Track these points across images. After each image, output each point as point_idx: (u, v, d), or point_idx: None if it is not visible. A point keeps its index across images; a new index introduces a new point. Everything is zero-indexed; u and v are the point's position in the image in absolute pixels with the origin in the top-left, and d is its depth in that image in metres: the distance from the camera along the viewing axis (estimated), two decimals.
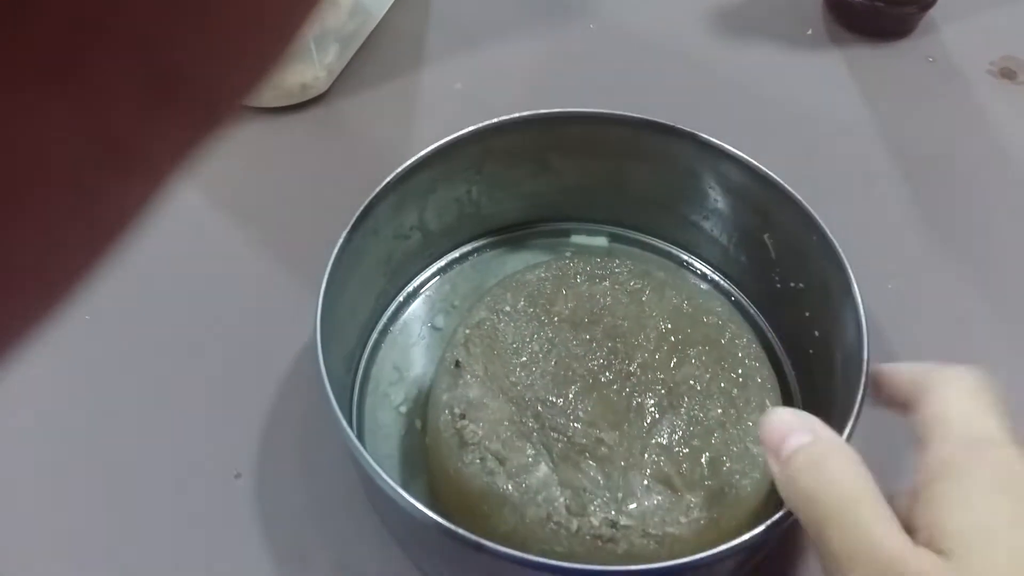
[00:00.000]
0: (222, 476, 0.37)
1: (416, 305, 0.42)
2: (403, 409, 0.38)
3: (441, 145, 0.38)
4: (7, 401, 0.39)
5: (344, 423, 0.30)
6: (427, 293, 0.42)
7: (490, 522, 0.31)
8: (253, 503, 0.36)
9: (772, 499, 0.30)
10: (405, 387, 0.39)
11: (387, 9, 0.57)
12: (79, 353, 0.40)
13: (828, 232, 0.35)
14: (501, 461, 0.32)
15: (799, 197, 0.36)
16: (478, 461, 0.32)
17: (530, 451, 0.32)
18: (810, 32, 0.56)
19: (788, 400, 0.37)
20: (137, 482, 0.37)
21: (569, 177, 0.42)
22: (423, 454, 0.36)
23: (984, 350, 0.41)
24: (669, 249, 0.44)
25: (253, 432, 0.38)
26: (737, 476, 0.32)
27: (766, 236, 0.39)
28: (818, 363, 0.37)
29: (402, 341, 0.41)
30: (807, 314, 0.37)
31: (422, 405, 0.38)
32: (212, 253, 0.45)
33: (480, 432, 0.32)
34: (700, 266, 0.43)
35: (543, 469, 0.32)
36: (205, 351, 0.41)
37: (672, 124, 0.38)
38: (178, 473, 0.37)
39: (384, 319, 0.41)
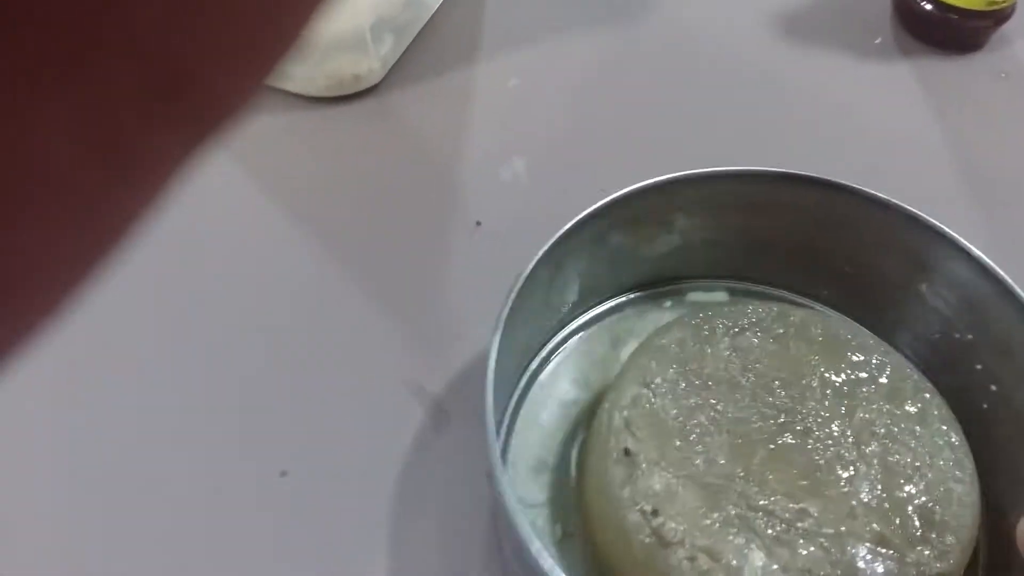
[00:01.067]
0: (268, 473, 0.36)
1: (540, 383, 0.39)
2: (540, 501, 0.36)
3: (576, 222, 0.35)
4: (21, 401, 0.38)
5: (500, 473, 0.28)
6: (550, 368, 0.40)
7: None
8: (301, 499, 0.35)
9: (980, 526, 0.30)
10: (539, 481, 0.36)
11: (441, 0, 0.55)
12: (121, 349, 0.39)
13: (1006, 278, 0.33)
14: (714, 557, 0.29)
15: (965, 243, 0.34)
16: (686, 561, 0.30)
17: (740, 540, 0.30)
18: (879, 40, 0.54)
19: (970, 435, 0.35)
20: (182, 480, 0.36)
21: (690, 235, 0.40)
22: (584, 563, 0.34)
23: None
24: (791, 296, 0.42)
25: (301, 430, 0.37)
26: (948, 519, 0.30)
27: (924, 286, 0.37)
28: (993, 419, 0.35)
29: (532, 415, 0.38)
30: (979, 367, 0.36)
31: (568, 504, 0.36)
32: (256, 243, 0.44)
33: (682, 528, 0.30)
34: (824, 309, 0.41)
35: (759, 556, 0.30)
36: (253, 345, 0.40)
37: (817, 176, 0.36)
38: (223, 470, 0.36)
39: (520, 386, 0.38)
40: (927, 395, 0.34)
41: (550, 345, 0.40)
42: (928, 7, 0.52)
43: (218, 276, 0.42)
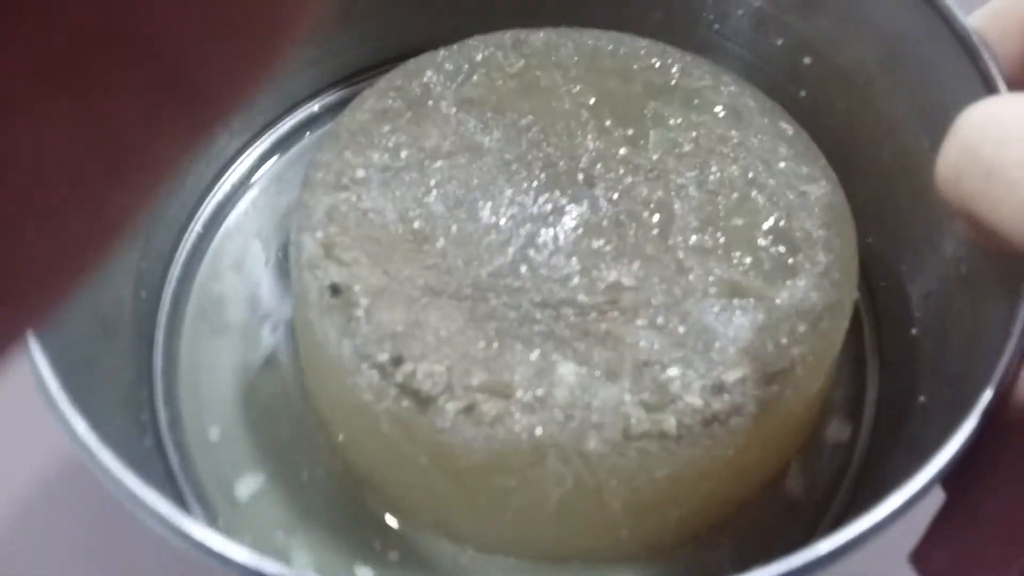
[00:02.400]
0: None
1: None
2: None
3: None
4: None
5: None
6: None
7: (523, 495, 0.19)
8: None
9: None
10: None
11: None
12: None
13: None
14: (503, 393, 0.18)
15: None
16: (462, 415, 0.18)
17: (534, 354, 0.19)
18: None
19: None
20: None
21: None
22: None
23: None
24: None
25: None
26: (812, 230, 0.21)
27: None
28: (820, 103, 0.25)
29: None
30: (780, 42, 0.25)
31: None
32: None
33: (442, 368, 0.19)
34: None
35: (569, 369, 0.19)
36: None
37: None
38: None
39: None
40: (733, 88, 0.23)
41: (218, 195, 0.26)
42: None
43: None
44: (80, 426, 0.16)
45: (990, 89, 0.19)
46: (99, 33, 0.07)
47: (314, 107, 0.28)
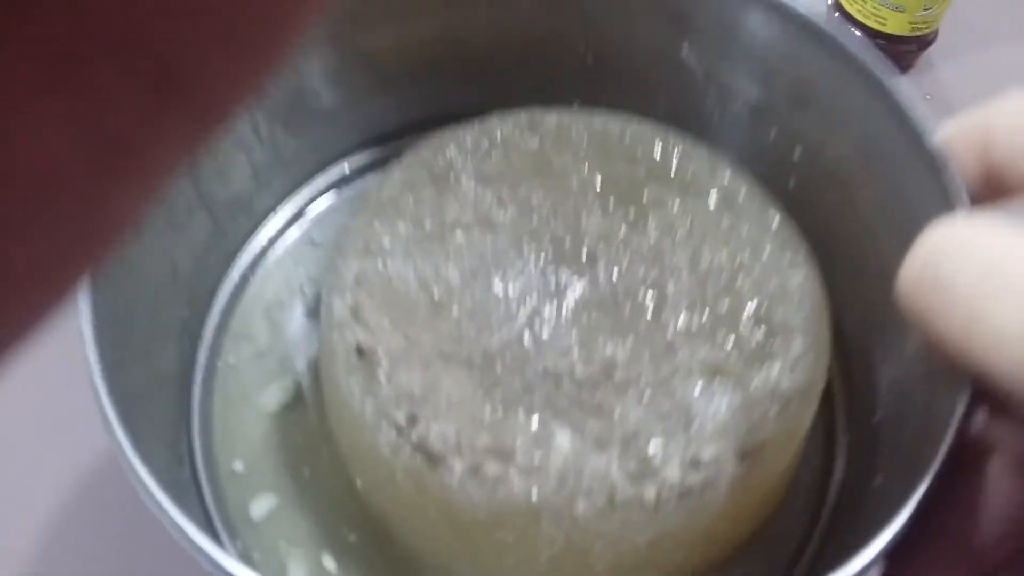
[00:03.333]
0: None
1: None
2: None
3: None
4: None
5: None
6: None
7: (519, 550, 0.21)
8: None
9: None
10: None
11: None
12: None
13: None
14: (504, 457, 0.21)
15: None
16: (468, 474, 0.21)
17: (534, 421, 0.21)
18: None
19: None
20: None
21: (390, 63, 0.29)
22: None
23: None
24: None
25: None
26: (790, 317, 0.23)
27: (686, 50, 0.28)
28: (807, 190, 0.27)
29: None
30: (773, 133, 0.28)
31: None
32: None
33: (452, 430, 0.21)
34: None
35: (564, 437, 0.21)
36: None
37: None
38: None
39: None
40: (728, 173, 0.26)
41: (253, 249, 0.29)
42: (857, 34, 0.51)
43: None
44: (140, 468, 0.19)
45: (952, 205, 0.21)
46: (99, 33, 0.07)
47: (344, 166, 0.30)
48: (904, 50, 0.52)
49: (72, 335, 0.19)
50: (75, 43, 0.07)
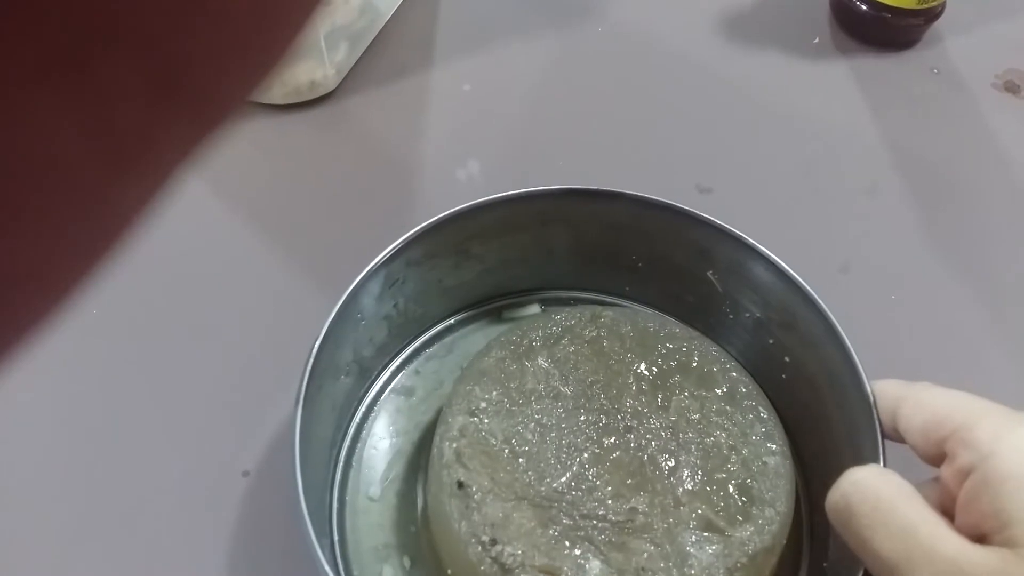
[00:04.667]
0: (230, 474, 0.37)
1: (372, 434, 0.39)
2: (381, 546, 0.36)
3: (366, 272, 0.35)
4: (13, 398, 0.39)
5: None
6: (375, 423, 0.39)
7: None
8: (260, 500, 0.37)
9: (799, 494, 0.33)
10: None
11: (396, 7, 0.55)
12: (86, 349, 0.40)
13: (775, 258, 0.35)
14: (553, 573, 0.30)
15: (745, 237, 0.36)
16: None
17: (576, 551, 0.31)
18: (817, 40, 0.56)
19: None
20: (144, 479, 0.37)
21: (491, 259, 0.40)
22: None
23: (984, 361, 0.42)
24: (599, 297, 0.42)
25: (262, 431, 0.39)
26: (765, 492, 0.32)
27: (711, 273, 0.38)
28: (793, 387, 0.37)
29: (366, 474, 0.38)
30: (771, 341, 0.38)
31: (411, 542, 0.36)
32: (218, 250, 0.45)
33: (519, 552, 0.31)
34: (638, 307, 0.41)
35: (595, 565, 0.30)
36: (210, 349, 0.41)
37: (593, 188, 0.38)
38: (186, 469, 0.38)
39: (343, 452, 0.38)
40: (733, 374, 0.35)
41: (370, 395, 0.39)
42: (863, 7, 0.54)
43: (172, 281, 0.43)
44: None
45: (875, 446, 0.30)
46: (99, 33, 0.07)
47: (451, 320, 0.41)
48: (911, 23, 0.54)
49: None
50: (76, 42, 0.07)
